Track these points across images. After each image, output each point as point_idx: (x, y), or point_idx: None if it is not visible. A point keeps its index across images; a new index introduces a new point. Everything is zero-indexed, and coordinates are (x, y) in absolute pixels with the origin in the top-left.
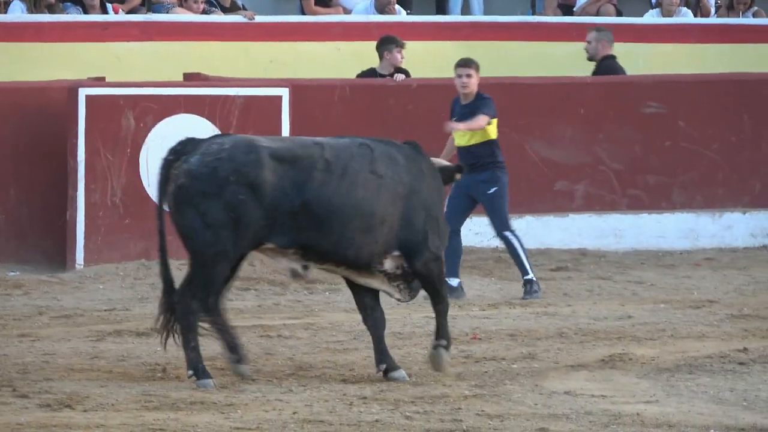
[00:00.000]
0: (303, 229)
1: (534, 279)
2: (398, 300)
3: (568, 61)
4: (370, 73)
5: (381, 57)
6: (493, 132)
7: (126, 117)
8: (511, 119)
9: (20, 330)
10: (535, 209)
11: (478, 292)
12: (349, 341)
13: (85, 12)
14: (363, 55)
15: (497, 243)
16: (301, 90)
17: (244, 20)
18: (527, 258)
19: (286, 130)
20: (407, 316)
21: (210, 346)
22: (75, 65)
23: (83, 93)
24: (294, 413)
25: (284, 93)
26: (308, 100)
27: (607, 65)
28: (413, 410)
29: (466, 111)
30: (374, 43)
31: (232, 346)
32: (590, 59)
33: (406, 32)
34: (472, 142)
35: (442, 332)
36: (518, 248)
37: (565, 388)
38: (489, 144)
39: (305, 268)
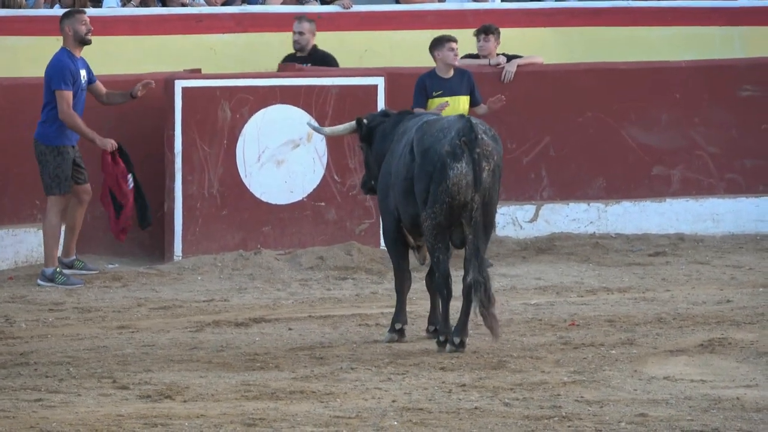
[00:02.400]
0: None
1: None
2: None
3: (662, 45)
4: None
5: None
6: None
7: (222, 108)
8: (607, 104)
9: (120, 322)
10: (633, 194)
11: (576, 279)
12: None
13: (181, 4)
14: (459, 42)
15: (594, 229)
16: (396, 79)
17: (340, 9)
18: None
19: None
20: (505, 304)
21: (311, 334)
22: (170, 58)
23: (179, 85)
24: (393, 401)
25: (380, 82)
26: (404, 88)
27: (321, 55)
28: (512, 397)
29: (454, 84)
30: (469, 31)
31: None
32: (299, 50)
33: (501, 19)
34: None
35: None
36: None
37: (664, 373)
38: None
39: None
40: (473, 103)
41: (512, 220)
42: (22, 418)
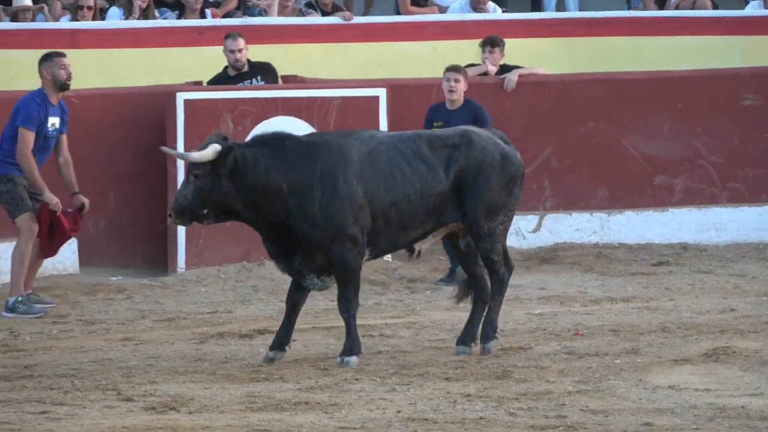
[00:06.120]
0: None
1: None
2: None
3: (664, 54)
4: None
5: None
6: None
7: (224, 120)
8: (609, 114)
9: (124, 334)
10: (635, 204)
11: (580, 288)
12: (451, 339)
13: (182, 17)
14: (460, 53)
15: (597, 239)
16: (398, 90)
17: (341, 21)
18: None
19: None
20: (509, 313)
21: (316, 345)
22: (172, 70)
23: (181, 97)
24: (398, 412)
25: (381, 93)
26: (406, 99)
27: (263, 66)
28: (517, 407)
29: (455, 117)
30: (470, 42)
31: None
32: (240, 68)
33: (502, 30)
34: None
35: None
36: None
37: (669, 382)
38: None
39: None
40: None
41: (515, 230)
42: (27, 431)
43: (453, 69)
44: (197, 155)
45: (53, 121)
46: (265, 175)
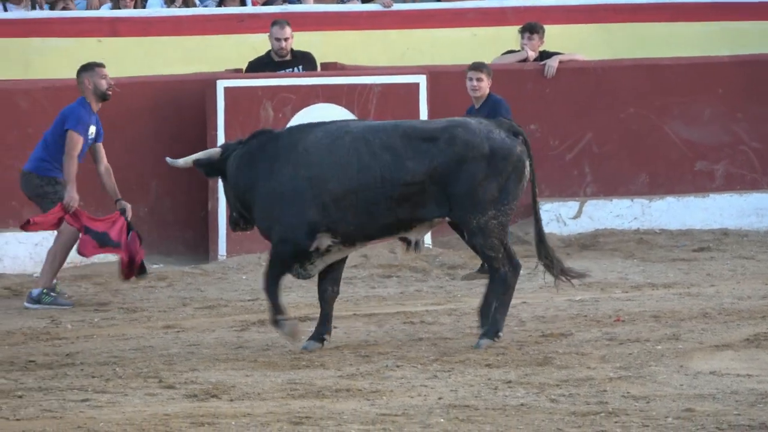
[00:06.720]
0: None
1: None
2: None
3: (702, 40)
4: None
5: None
6: None
7: (264, 108)
8: (650, 100)
9: (165, 321)
10: (676, 190)
11: (621, 274)
12: None
13: (222, 5)
14: (499, 40)
15: (638, 225)
16: (438, 77)
17: (381, 8)
18: None
19: (423, 117)
20: (549, 300)
21: (356, 332)
22: (212, 58)
23: (222, 85)
24: (439, 398)
25: (421, 80)
26: (445, 86)
27: (304, 55)
28: (558, 393)
29: (480, 115)
30: (510, 28)
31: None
32: (284, 56)
33: (542, 16)
34: None
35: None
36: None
37: (710, 368)
38: None
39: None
40: None
41: (556, 216)
42: (69, 419)
43: (474, 68)
44: (182, 161)
45: (92, 130)
46: (236, 175)
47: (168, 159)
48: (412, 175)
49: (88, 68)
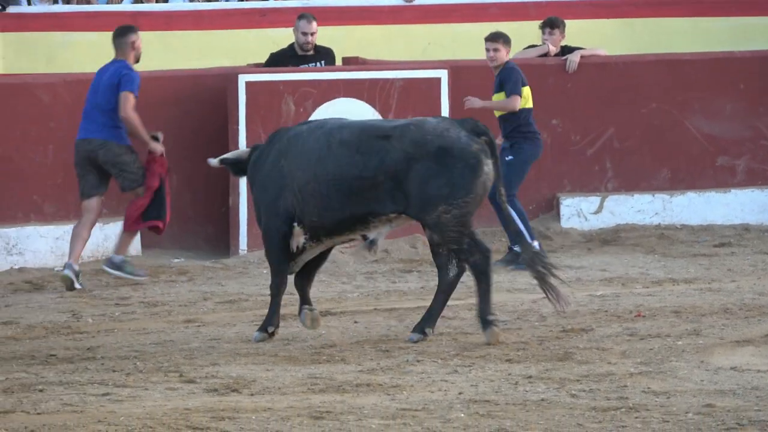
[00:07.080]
0: None
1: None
2: None
3: (724, 35)
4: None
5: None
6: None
7: (286, 102)
8: (671, 95)
9: (186, 316)
10: (697, 185)
11: (641, 270)
12: (512, 321)
13: None
14: (521, 35)
15: (659, 220)
16: (459, 71)
17: (402, 3)
18: (526, 229)
19: (445, 112)
20: (570, 295)
21: (377, 326)
22: (233, 52)
23: (243, 79)
24: (459, 393)
25: (443, 75)
26: (467, 81)
27: (326, 51)
28: (579, 388)
29: (496, 83)
30: (532, 23)
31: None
32: (308, 50)
33: (564, 11)
34: (501, 113)
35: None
36: (516, 218)
37: (731, 363)
38: (515, 115)
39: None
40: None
41: (577, 211)
42: (90, 413)
43: (490, 38)
44: (216, 160)
45: None
46: (250, 174)
47: (210, 160)
48: (360, 170)
49: (136, 30)
